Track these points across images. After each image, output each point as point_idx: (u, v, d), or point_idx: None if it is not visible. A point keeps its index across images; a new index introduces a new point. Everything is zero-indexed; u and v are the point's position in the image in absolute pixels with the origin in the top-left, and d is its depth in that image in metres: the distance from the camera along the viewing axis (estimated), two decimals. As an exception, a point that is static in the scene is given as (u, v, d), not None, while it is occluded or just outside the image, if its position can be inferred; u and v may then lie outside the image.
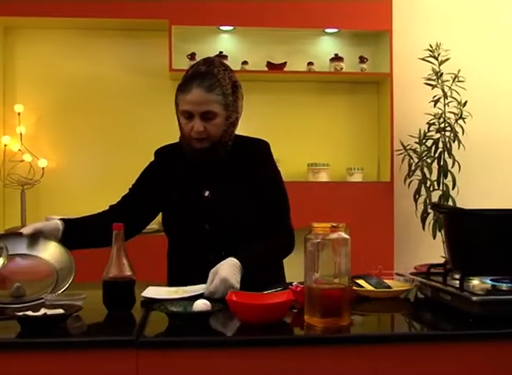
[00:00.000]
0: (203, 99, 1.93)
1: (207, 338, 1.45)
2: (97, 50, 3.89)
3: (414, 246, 3.85)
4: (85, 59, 3.88)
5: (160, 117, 3.87)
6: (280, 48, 3.95)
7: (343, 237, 1.53)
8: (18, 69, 3.86)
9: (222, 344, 1.44)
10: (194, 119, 1.94)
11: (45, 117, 3.85)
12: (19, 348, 1.40)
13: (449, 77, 3.68)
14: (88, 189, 3.84)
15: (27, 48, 3.86)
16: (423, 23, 4.03)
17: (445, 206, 2.70)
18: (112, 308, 1.67)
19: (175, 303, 1.63)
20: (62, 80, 3.86)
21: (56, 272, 1.84)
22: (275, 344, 1.44)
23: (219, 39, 3.95)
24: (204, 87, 1.93)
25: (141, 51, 3.91)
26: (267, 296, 1.61)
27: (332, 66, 3.87)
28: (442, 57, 3.67)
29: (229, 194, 2.02)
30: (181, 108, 1.97)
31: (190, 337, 1.45)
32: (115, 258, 1.68)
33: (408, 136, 3.73)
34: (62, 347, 1.40)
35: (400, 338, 1.49)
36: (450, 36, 3.90)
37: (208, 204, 2.02)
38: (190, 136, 1.97)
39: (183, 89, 1.96)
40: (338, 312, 1.50)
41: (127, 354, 1.38)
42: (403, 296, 1.91)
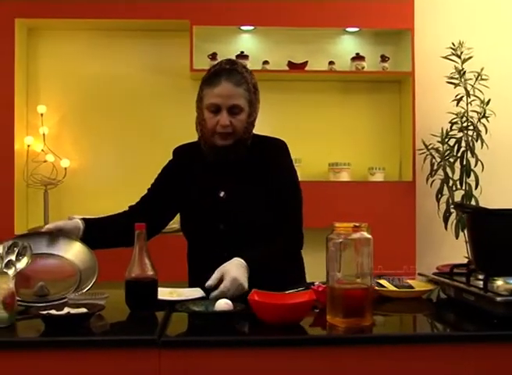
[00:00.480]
0: (231, 93, 1.94)
1: (229, 338, 1.46)
2: (118, 51, 3.91)
3: (436, 246, 3.82)
4: (107, 60, 3.91)
5: (181, 117, 3.88)
6: (301, 47, 3.94)
7: (365, 236, 1.53)
8: (41, 71, 3.90)
9: (243, 343, 1.44)
10: (221, 113, 1.95)
11: (68, 118, 3.89)
12: (42, 346, 1.41)
13: (472, 76, 3.65)
14: (110, 189, 3.86)
15: (50, 50, 3.90)
16: (445, 21, 3.99)
17: (469, 206, 2.68)
18: (135, 308, 1.68)
19: (197, 302, 1.64)
20: (85, 81, 3.89)
21: (79, 272, 1.86)
22: (298, 344, 1.44)
23: (240, 39, 3.95)
24: (232, 82, 1.95)
25: (162, 51, 3.93)
26: (289, 296, 1.61)
27: (354, 65, 3.86)
28: (465, 55, 3.63)
29: (244, 194, 2.02)
30: (208, 102, 1.96)
31: (211, 337, 1.45)
32: (137, 257, 1.69)
33: (430, 135, 3.70)
34: (84, 346, 1.41)
35: (423, 339, 1.48)
36: (473, 34, 3.85)
37: (223, 204, 2.02)
38: (214, 131, 1.97)
39: (210, 83, 1.98)
40: (360, 312, 1.49)
41: (149, 353, 1.39)
42: (425, 296, 1.90)
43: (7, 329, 1.48)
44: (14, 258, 1.58)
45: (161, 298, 1.74)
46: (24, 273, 1.70)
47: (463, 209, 2.05)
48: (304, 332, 1.50)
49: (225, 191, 2.03)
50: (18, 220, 3.66)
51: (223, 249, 1.98)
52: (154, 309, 1.68)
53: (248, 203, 2.00)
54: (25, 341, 1.45)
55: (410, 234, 3.72)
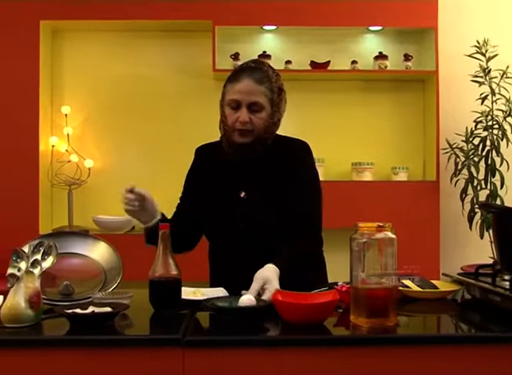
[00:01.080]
0: (252, 89, 1.94)
1: (252, 337, 1.46)
2: (141, 51, 3.94)
3: (460, 246, 3.79)
4: (130, 61, 3.93)
5: (204, 117, 3.90)
6: (324, 46, 3.93)
7: (389, 236, 1.52)
8: (65, 72, 3.94)
9: (267, 343, 1.44)
10: (241, 109, 1.95)
11: (91, 118, 3.92)
12: (67, 345, 1.43)
13: (497, 74, 3.61)
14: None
15: (74, 51, 3.94)
16: (470, 19, 3.95)
17: (494, 206, 2.65)
18: (158, 307, 1.69)
19: (221, 299, 1.67)
20: (108, 82, 3.93)
21: (104, 272, 1.88)
22: (321, 344, 1.43)
23: (263, 39, 3.95)
24: (254, 79, 1.95)
25: (185, 51, 3.94)
26: (312, 296, 1.61)
27: (377, 64, 3.84)
28: (490, 53, 3.59)
29: (265, 195, 2.01)
30: (229, 98, 1.97)
31: (235, 337, 1.46)
32: (161, 257, 1.70)
33: (454, 134, 3.67)
34: (109, 344, 1.43)
35: (447, 340, 1.47)
36: (498, 31, 3.81)
37: (243, 204, 2.02)
38: (233, 128, 1.97)
39: (232, 79, 1.99)
40: (384, 313, 1.49)
41: (173, 352, 1.40)
42: (450, 297, 1.89)
43: (33, 327, 1.50)
44: (40, 258, 1.59)
45: (184, 297, 1.75)
46: (50, 273, 1.71)
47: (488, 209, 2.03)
48: (328, 332, 1.50)
49: (245, 191, 2.03)
50: (42, 220, 3.69)
51: (243, 249, 1.99)
52: (178, 309, 1.69)
53: (268, 203, 2.00)
54: (50, 339, 1.47)
55: (435, 234, 3.70)
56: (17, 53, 3.69)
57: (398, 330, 1.50)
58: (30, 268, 1.55)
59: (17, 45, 3.69)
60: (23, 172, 3.66)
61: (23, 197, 3.64)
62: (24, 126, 3.68)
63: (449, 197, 3.75)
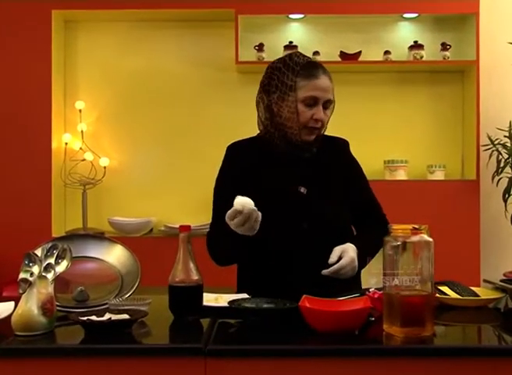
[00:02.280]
0: (328, 86, 2.03)
1: (278, 347, 1.46)
2: (159, 43, 3.97)
3: (502, 250, 3.75)
4: (147, 53, 3.97)
5: (227, 112, 3.92)
6: (354, 36, 3.93)
7: (425, 239, 1.51)
8: (79, 65, 3.98)
9: (293, 353, 1.44)
10: (317, 106, 2.01)
11: (107, 114, 3.96)
12: (82, 354, 1.44)
13: (545, 62, 3.58)
14: (152, 189, 3.91)
15: (88, 42, 3.98)
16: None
17: (539, 206, 2.62)
18: (179, 314, 1.70)
19: (247, 301, 1.74)
20: (124, 75, 3.96)
21: (121, 276, 1.89)
22: (352, 354, 1.43)
23: (289, 28, 3.96)
24: (328, 76, 2.04)
25: (206, 43, 3.96)
26: (342, 303, 1.61)
27: (411, 54, 3.82)
28: (536, 40, 3.56)
29: (324, 191, 2.06)
30: (306, 94, 1.99)
31: (259, 346, 1.46)
32: (181, 261, 1.71)
33: (497, 129, 3.64)
34: (126, 354, 1.44)
35: (489, 352, 1.46)
36: (544, 17, 3.78)
37: (304, 201, 2.03)
38: (304, 125, 2.01)
39: (307, 75, 2.01)
40: (420, 322, 1.48)
41: (195, 362, 1.41)
42: (491, 305, 1.88)
43: (46, 335, 1.51)
44: (53, 262, 1.61)
45: (206, 304, 1.76)
46: (63, 277, 1.73)
47: (533, 210, 2.00)
48: (359, 342, 1.50)
49: (305, 187, 2.05)
50: (55, 222, 3.74)
51: (303, 250, 1.98)
52: (199, 316, 1.70)
53: (329, 200, 2.06)
54: (64, 347, 1.48)
55: (474, 238, 3.67)
56: (28, 45, 3.75)
57: (435, 341, 1.49)
58: (42, 273, 1.57)
59: (28, 36, 3.75)
60: (34, 171, 3.72)
61: (35, 197, 3.70)
62: (36, 123, 3.74)
63: (490, 197, 3.72)
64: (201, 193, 3.87)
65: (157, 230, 3.78)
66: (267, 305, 1.70)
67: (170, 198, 3.89)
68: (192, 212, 3.82)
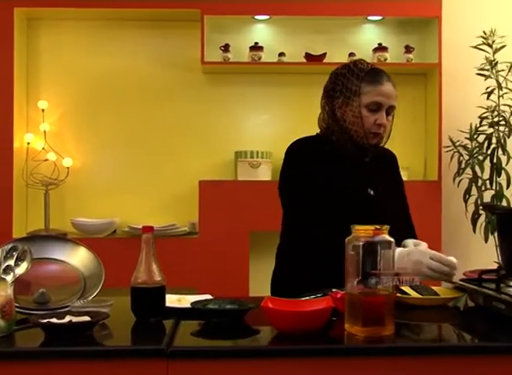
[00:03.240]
0: (392, 93, 2.08)
1: (240, 347, 1.47)
2: (124, 42, 3.94)
3: (463, 250, 3.80)
4: (112, 52, 3.93)
5: (193, 112, 3.92)
6: (319, 37, 3.95)
7: (386, 239, 1.53)
8: (42, 63, 3.93)
9: (256, 353, 1.44)
10: (380, 112, 2.06)
11: (70, 114, 3.92)
12: (43, 357, 1.42)
13: (505, 66, 3.63)
14: (115, 189, 3.89)
15: (52, 41, 3.93)
16: (475, 8, 3.97)
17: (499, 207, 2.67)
18: (141, 316, 1.69)
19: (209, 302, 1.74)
20: (89, 75, 3.92)
21: (84, 279, 1.87)
22: (313, 354, 1.44)
23: (254, 29, 3.96)
24: (391, 82, 2.10)
25: (172, 43, 3.94)
26: (305, 303, 1.61)
27: (376, 56, 3.85)
28: (497, 44, 3.61)
29: (385, 194, 2.14)
30: (371, 100, 2.04)
31: (222, 347, 1.46)
32: (144, 262, 1.70)
33: (458, 131, 3.69)
34: (87, 356, 1.42)
35: (449, 350, 1.47)
36: (506, 21, 3.83)
37: (375, 202, 2.09)
38: (369, 130, 2.06)
39: (371, 80, 2.06)
40: (381, 321, 1.49)
41: (157, 364, 1.40)
42: (451, 304, 1.90)
43: (5, 338, 1.49)
44: (13, 264, 1.59)
45: (169, 305, 1.75)
46: (24, 279, 1.71)
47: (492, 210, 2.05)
48: (321, 341, 1.50)
49: (372, 189, 2.11)
50: (16, 223, 3.69)
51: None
52: (162, 317, 1.69)
53: (392, 203, 2.15)
54: (23, 351, 1.45)
55: (436, 237, 3.70)
56: (-11, 43, 3.69)
57: (395, 340, 1.50)
58: (1, 275, 1.55)
59: (-11, 35, 3.69)
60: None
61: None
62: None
63: (451, 198, 3.77)
64: (166, 194, 3.87)
65: (120, 230, 3.75)
66: (230, 305, 1.70)
67: (134, 199, 3.87)
68: (156, 212, 3.81)
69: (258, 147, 3.78)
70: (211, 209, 3.62)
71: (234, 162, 3.82)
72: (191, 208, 3.68)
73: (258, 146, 3.79)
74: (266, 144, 3.86)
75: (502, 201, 3.59)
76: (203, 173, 3.78)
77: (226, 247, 3.58)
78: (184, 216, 3.79)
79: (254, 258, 3.69)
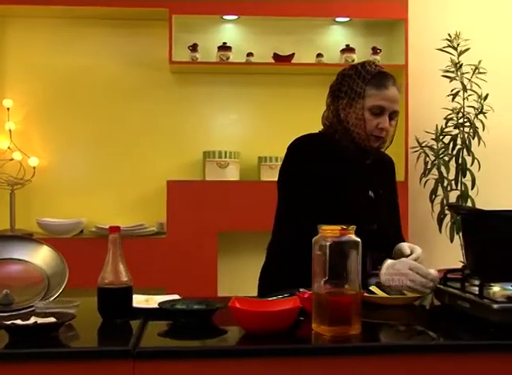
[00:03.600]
0: (397, 98, 2.09)
1: (208, 348, 1.46)
2: (92, 41, 3.90)
3: (429, 250, 3.83)
4: (79, 50, 3.89)
5: (160, 112, 3.90)
6: (287, 38, 3.96)
7: (353, 239, 1.53)
8: (7, 61, 3.87)
9: (223, 353, 1.44)
10: (383, 116, 2.06)
11: (36, 113, 3.87)
12: (7, 359, 1.40)
13: (469, 69, 3.68)
14: (82, 188, 3.85)
15: (17, 39, 3.88)
16: (441, 11, 4.02)
17: (463, 207, 2.70)
18: (108, 317, 1.68)
19: (177, 302, 1.73)
20: (55, 73, 3.88)
21: (47, 278, 1.85)
22: (281, 354, 1.44)
23: (223, 29, 3.96)
24: (397, 87, 2.10)
25: (139, 42, 3.92)
26: (272, 303, 1.61)
27: (343, 57, 3.87)
28: (462, 47, 3.66)
29: (384, 196, 2.16)
30: (374, 103, 2.05)
31: (189, 347, 1.46)
32: (111, 263, 1.68)
33: (424, 132, 3.73)
34: (53, 358, 1.41)
35: (414, 348, 1.49)
36: (470, 24, 3.89)
37: (373, 204, 2.11)
38: (370, 133, 2.06)
39: (376, 84, 2.06)
40: (348, 321, 1.50)
41: (123, 365, 1.39)
42: (417, 303, 1.92)
43: (-32, 340, 1.47)
44: (-24, 264, 1.57)
45: (136, 305, 1.74)
46: (-14, 280, 1.69)
47: (457, 211, 2.08)
48: (288, 341, 1.50)
49: (372, 191, 2.14)
50: (-19, 223, 3.64)
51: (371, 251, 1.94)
52: (129, 318, 1.67)
53: (389, 204, 2.19)
54: (-12, 353, 1.43)
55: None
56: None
57: (362, 339, 1.51)
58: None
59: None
60: (-41, 171, 3.60)
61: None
62: (-39, 121, 3.62)
63: (418, 198, 3.81)
64: (134, 193, 3.84)
65: (87, 231, 3.71)
66: (198, 306, 1.69)
67: (102, 199, 3.83)
68: (124, 212, 3.79)
69: (226, 147, 3.77)
70: (179, 209, 3.60)
71: (202, 162, 3.81)
72: (159, 208, 3.66)
73: (226, 146, 3.79)
74: (234, 144, 3.86)
75: (467, 201, 3.64)
76: (171, 173, 3.77)
77: (194, 247, 3.57)
78: (152, 216, 3.77)
79: (222, 259, 3.69)
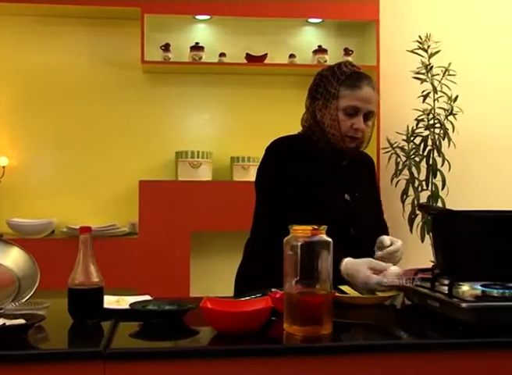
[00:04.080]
0: (371, 98, 2.09)
1: (179, 348, 1.46)
2: (62, 39, 3.86)
3: (401, 250, 3.87)
4: (49, 49, 3.85)
5: (132, 112, 3.88)
6: (260, 39, 3.96)
7: (324, 239, 1.54)
8: (-24, 60, 3.82)
9: (195, 354, 1.43)
10: (357, 116, 2.07)
11: (5, 112, 3.82)
12: (-24, 361, 1.38)
13: (440, 71, 3.71)
14: (53, 188, 3.81)
15: (-14, 37, 3.83)
16: (412, 13, 4.06)
17: (433, 207, 2.73)
18: (78, 318, 1.66)
19: (149, 303, 1.72)
20: (24, 72, 3.83)
21: (18, 280, 1.83)
22: (253, 354, 1.44)
23: (195, 29, 3.95)
24: (372, 87, 2.11)
25: (111, 41, 3.89)
26: (244, 303, 1.61)
27: (316, 58, 3.89)
28: (432, 49, 3.69)
29: (363, 198, 2.14)
30: (348, 104, 2.06)
31: (161, 348, 1.45)
32: (81, 263, 1.67)
33: (395, 133, 3.75)
34: (22, 360, 1.39)
35: (385, 348, 1.49)
36: (441, 27, 3.93)
37: (351, 207, 2.10)
38: (345, 134, 2.07)
39: (350, 84, 2.07)
40: (319, 320, 1.50)
41: (94, 366, 1.38)
42: (388, 303, 1.93)
43: None
44: None
45: (107, 306, 1.73)
46: (-45, 282, 1.66)
47: (427, 211, 2.10)
48: (260, 341, 1.51)
49: (348, 194, 2.12)
50: (-51, 223, 3.58)
51: (353, 255, 1.95)
52: (100, 319, 1.66)
53: (368, 207, 2.16)
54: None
55: (375, 237, 3.76)
56: None
57: (333, 339, 1.52)
58: None
59: None
60: None
61: None
62: None
63: (389, 198, 3.81)
64: (106, 194, 3.82)
65: (59, 231, 3.68)
66: (169, 306, 1.69)
67: (73, 199, 3.80)
68: (96, 213, 3.75)
69: (199, 147, 3.76)
70: (152, 210, 3.58)
71: (175, 162, 3.79)
72: (131, 208, 3.64)
73: (199, 146, 3.78)
74: (207, 144, 3.85)
75: (437, 201, 3.67)
76: (143, 173, 3.75)
77: (167, 247, 3.56)
78: (124, 216, 3.75)
79: (195, 259, 3.67)
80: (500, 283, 1.69)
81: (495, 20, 4.15)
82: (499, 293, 1.65)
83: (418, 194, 3.68)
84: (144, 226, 3.58)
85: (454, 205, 2.87)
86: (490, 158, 4.11)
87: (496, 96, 4.12)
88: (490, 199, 3.87)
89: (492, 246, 1.69)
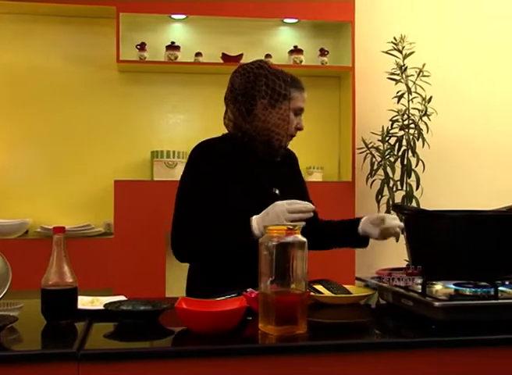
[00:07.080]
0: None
1: (154, 349, 1.46)
2: (37, 38, 3.81)
3: (376, 249, 3.88)
4: (23, 48, 3.80)
5: (107, 111, 3.85)
6: (236, 38, 3.96)
7: (299, 239, 1.54)
8: (-50, 58, 3.77)
9: (169, 354, 1.43)
10: (299, 116, 2.20)
11: (-20, 111, 3.77)
12: None
13: (414, 72, 3.74)
14: (27, 189, 3.76)
15: (-40, 36, 3.78)
16: (387, 14, 4.08)
17: (407, 207, 2.75)
18: (52, 319, 1.65)
19: (123, 303, 1.72)
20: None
21: (-11, 280, 1.81)
22: (228, 354, 1.44)
23: (171, 28, 3.93)
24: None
25: (86, 40, 3.85)
26: (219, 303, 1.61)
27: (291, 58, 3.89)
28: (407, 50, 3.71)
29: (291, 192, 2.15)
30: (298, 105, 2.17)
31: (135, 348, 1.45)
32: (55, 264, 1.67)
33: (371, 133, 3.77)
34: (-5, 361, 1.38)
35: (360, 347, 1.51)
36: (415, 28, 3.95)
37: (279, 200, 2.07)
38: (290, 132, 2.19)
39: (297, 86, 2.19)
40: (294, 320, 1.51)
41: (68, 368, 1.37)
42: (363, 302, 1.94)
43: None
44: None
45: (81, 307, 1.72)
46: None
47: (401, 211, 2.10)
48: (235, 341, 1.51)
49: (278, 188, 2.16)
50: None
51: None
52: (74, 320, 1.65)
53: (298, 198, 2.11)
54: None
55: (350, 237, 3.77)
56: None
57: (308, 338, 1.52)
58: None
59: None
60: None
61: None
62: None
63: (364, 198, 3.85)
64: (80, 194, 3.78)
65: (33, 231, 3.64)
66: (144, 306, 1.68)
67: (47, 199, 3.76)
68: (71, 213, 3.72)
69: (175, 147, 3.75)
70: (127, 209, 3.56)
71: (150, 162, 3.78)
72: (106, 208, 3.61)
73: (175, 146, 3.76)
74: (182, 144, 3.83)
75: (412, 201, 3.70)
76: (118, 173, 3.73)
77: (142, 247, 3.54)
78: (99, 216, 3.72)
79: (171, 259, 3.65)
80: (473, 282, 1.71)
81: (469, 22, 4.19)
82: (471, 292, 1.67)
83: (393, 194, 3.70)
84: (120, 226, 3.56)
85: (428, 205, 2.89)
86: (463, 159, 4.15)
87: (469, 97, 4.16)
88: (463, 199, 3.91)
89: (466, 246, 1.71)
